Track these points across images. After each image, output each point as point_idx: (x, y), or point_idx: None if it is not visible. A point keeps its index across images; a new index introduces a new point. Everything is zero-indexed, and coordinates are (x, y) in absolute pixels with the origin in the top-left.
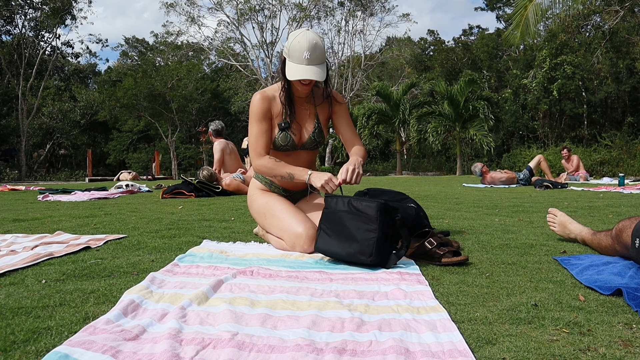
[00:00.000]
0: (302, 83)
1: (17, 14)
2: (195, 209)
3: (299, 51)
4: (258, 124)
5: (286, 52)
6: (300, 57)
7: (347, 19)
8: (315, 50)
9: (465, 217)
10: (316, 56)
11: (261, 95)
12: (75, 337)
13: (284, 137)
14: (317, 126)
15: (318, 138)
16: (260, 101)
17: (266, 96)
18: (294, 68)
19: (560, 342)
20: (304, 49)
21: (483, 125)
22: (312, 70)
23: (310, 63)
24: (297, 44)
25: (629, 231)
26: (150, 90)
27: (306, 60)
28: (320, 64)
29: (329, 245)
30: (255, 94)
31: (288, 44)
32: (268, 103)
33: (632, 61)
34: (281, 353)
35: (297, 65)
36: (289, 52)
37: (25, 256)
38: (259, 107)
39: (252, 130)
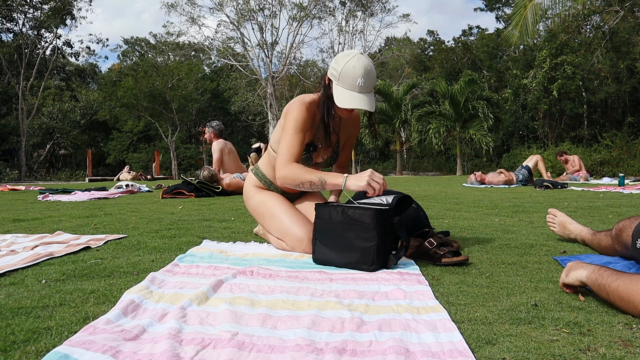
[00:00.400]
0: (347, 110)
1: (17, 13)
2: (195, 209)
3: (352, 77)
4: (298, 133)
5: (334, 75)
6: (353, 84)
7: (348, 19)
8: (369, 78)
9: (465, 217)
10: (369, 84)
11: (311, 106)
12: (75, 337)
13: (306, 159)
14: (336, 151)
15: (332, 162)
16: (307, 112)
17: (314, 111)
18: (346, 95)
19: (560, 342)
20: (358, 75)
21: (483, 125)
22: (364, 99)
23: (362, 91)
24: (352, 69)
25: (629, 231)
26: (150, 90)
27: (359, 87)
28: (371, 92)
29: (327, 255)
30: (300, 100)
31: (339, 66)
32: (312, 117)
33: (633, 61)
34: (281, 353)
35: (349, 92)
36: (340, 75)
37: (25, 256)
38: (304, 117)
39: (289, 137)
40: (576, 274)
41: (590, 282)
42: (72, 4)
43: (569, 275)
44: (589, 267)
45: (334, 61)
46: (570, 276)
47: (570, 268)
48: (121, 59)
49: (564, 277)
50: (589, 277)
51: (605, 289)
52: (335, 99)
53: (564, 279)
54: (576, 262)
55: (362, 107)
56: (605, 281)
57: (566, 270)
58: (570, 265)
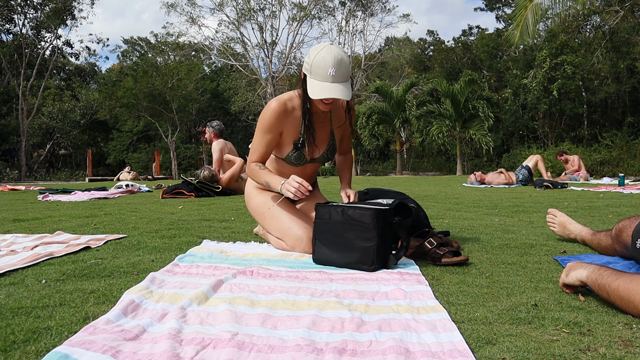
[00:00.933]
0: (324, 102)
1: (17, 14)
2: (195, 209)
3: (323, 68)
4: (263, 134)
5: (307, 69)
6: (325, 74)
7: (348, 19)
8: (340, 67)
9: (465, 217)
10: (341, 73)
11: (279, 106)
12: (75, 337)
13: (298, 156)
14: (332, 144)
15: (330, 155)
16: (275, 114)
17: (284, 110)
18: (318, 86)
19: (560, 342)
20: (328, 65)
21: (483, 125)
22: (337, 88)
23: (335, 80)
24: (321, 60)
25: (629, 231)
26: (150, 90)
27: (331, 77)
28: (346, 81)
29: (327, 256)
30: (272, 102)
31: (310, 59)
32: (284, 116)
33: (633, 61)
34: (281, 353)
35: (320, 83)
36: (311, 68)
37: (25, 256)
38: (271, 119)
39: (256, 138)
40: (576, 274)
41: (590, 281)
42: (73, 4)
43: (569, 275)
44: (589, 267)
45: (307, 55)
46: (571, 276)
47: (570, 268)
48: (121, 59)
49: (564, 277)
50: (589, 277)
51: (605, 289)
52: (308, 91)
53: (564, 279)
54: (576, 262)
55: (333, 96)
56: (605, 281)
57: (566, 270)
58: (570, 266)
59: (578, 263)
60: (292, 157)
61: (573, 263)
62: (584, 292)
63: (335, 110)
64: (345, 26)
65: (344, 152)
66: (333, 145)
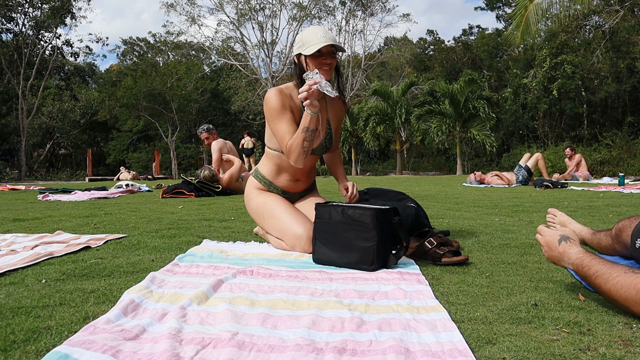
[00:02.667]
0: (322, 69)
1: (17, 13)
2: (195, 208)
3: (314, 35)
4: (280, 116)
5: (299, 47)
6: (317, 37)
7: (348, 19)
8: (327, 32)
9: (465, 216)
10: (330, 36)
11: (276, 90)
12: (75, 337)
13: None
14: (329, 132)
15: (328, 144)
16: (278, 95)
17: (282, 92)
18: (314, 47)
19: (560, 342)
20: (318, 31)
21: (485, 125)
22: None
23: (327, 40)
24: (311, 30)
25: (629, 231)
26: (149, 90)
27: (323, 38)
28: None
29: (327, 255)
30: (269, 91)
31: (300, 38)
32: (285, 98)
33: (633, 61)
34: (281, 353)
35: (315, 44)
36: (303, 41)
37: (25, 256)
38: (278, 100)
39: (277, 125)
40: (564, 264)
41: (575, 269)
42: (72, 3)
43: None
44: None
45: (295, 42)
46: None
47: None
48: (120, 59)
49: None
50: (575, 264)
51: (597, 288)
52: (306, 53)
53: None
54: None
55: (329, 42)
56: (595, 282)
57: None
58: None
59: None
60: None
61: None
62: (584, 292)
63: (331, 100)
64: (345, 26)
65: (334, 149)
66: (330, 134)
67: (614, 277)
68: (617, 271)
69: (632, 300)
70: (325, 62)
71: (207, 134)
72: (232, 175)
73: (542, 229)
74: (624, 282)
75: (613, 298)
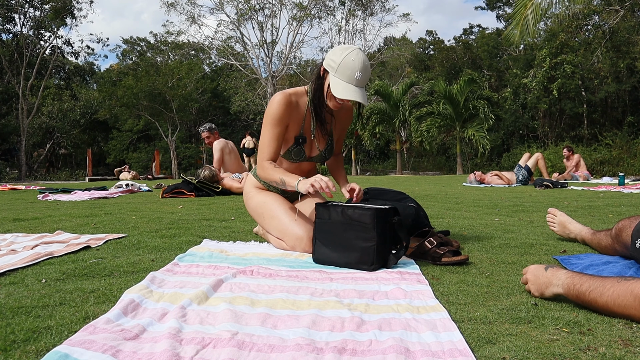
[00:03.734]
0: (338, 102)
1: (17, 13)
2: (195, 208)
3: (351, 69)
4: (272, 128)
5: (332, 67)
6: (351, 77)
7: (348, 19)
8: (365, 73)
9: (465, 216)
10: (364, 79)
11: (284, 98)
12: (75, 337)
13: (298, 152)
14: (330, 143)
15: (328, 155)
16: (282, 105)
17: (289, 101)
18: (342, 86)
19: (560, 342)
20: (357, 69)
21: (482, 126)
22: (360, 92)
23: (359, 85)
24: (351, 63)
25: (629, 231)
26: (150, 90)
27: (356, 80)
28: (364, 87)
29: (327, 255)
30: (277, 95)
31: (338, 58)
32: (289, 109)
33: (633, 60)
34: (281, 352)
35: (345, 84)
36: (338, 67)
37: (25, 255)
38: (278, 111)
39: (265, 133)
40: (552, 290)
41: (568, 296)
42: (73, 4)
43: (546, 292)
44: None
45: (332, 53)
46: (548, 292)
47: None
48: (121, 59)
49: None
50: (567, 293)
51: (593, 303)
52: (332, 89)
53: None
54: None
55: (357, 100)
56: (588, 298)
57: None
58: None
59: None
60: (293, 153)
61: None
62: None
63: (338, 112)
64: (345, 25)
65: (337, 153)
66: (331, 145)
67: (608, 289)
68: (609, 282)
69: (631, 307)
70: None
71: (208, 133)
72: (233, 187)
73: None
74: (620, 291)
75: (611, 310)
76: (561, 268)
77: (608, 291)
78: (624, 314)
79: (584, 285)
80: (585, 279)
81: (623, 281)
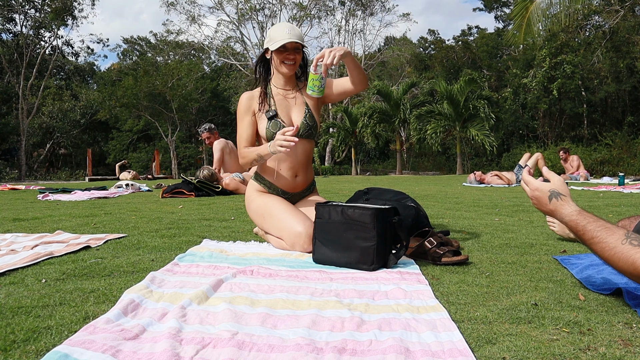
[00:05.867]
0: (286, 64)
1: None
2: (195, 208)
3: (279, 31)
4: (241, 120)
5: (267, 41)
6: (282, 33)
7: (347, 19)
8: (293, 28)
9: (465, 216)
10: (296, 32)
11: (245, 94)
12: (75, 337)
13: (274, 124)
14: (308, 111)
15: (310, 122)
16: (244, 100)
17: (249, 95)
18: (278, 42)
19: (560, 342)
20: (284, 27)
21: (484, 125)
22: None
23: (292, 37)
24: (277, 28)
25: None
26: (150, 90)
27: (288, 35)
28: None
29: (327, 255)
30: (242, 95)
31: (267, 35)
32: (250, 100)
33: (633, 60)
34: (281, 352)
35: (280, 40)
36: (270, 38)
37: (25, 255)
38: (241, 105)
39: (238, 127)
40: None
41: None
42: (73, 4)
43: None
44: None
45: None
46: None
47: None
48: (121, 59)
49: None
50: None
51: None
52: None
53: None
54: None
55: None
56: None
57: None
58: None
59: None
60: (270, 127)
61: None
62: (584, 292)
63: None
64: (345, 25)
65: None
66: (309, 113)
67: (611, 248)
68: (614, 240)
69: (628, 272)
70: (288, 57)
71: (208, 133)
72: (238, 186)
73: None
74: (621, 255)
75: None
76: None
77: (611, 250)
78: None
79: (587, 234)
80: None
81: (627, 244)
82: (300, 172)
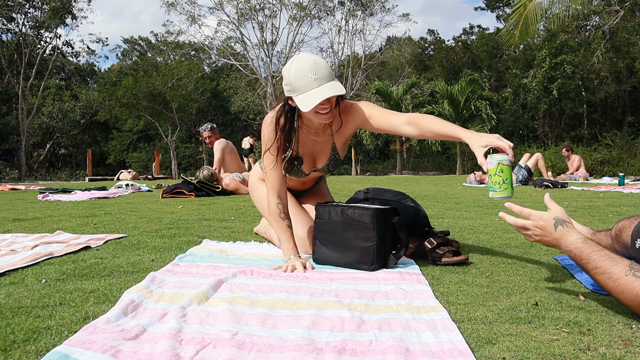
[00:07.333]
0: (320, 113)
1: (17, 13)
2: (195, 208)
3: (303, 77)
4: (268, 155)
5: (289, 90)
6: (308, 82)
7: (347, 19)
8: (319, 68)
9: (465, 216)
10: (323, 73)
11: (270, 118)
12: (75, 337)
13: (296, 172)
14: (333, 157)
15: (332, 168)
16: (272, 125)
17: (277, 119)
18: (307, 97)
19: (560, 342)
20: (307, 70)
21: (484, 126)
22: (326, 88)
23: (321, 82)
24: (299, 71)
25: (629, 231)
26: (150, 90)
27: (315, 81)
28: (332, 80)
29: (327, 256)
30: (266, 118)
31: (287, 79)
32: (277, 127)
33: (632, 61)
34: (281, 352)
35: (308, 93)
36: (292, 84)
37: (25, 256)
38: (269, 134)
39: (265, 159)
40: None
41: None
42: (72, 4)
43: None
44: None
45: (283, 79)
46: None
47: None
48: (121, 59)
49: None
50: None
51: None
52: (301, 108)
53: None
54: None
55: (326, 96)
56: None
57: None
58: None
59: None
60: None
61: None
62: (584, 292)
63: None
64: (345, 26)
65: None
66: (334, 159)
67: (615, 280)
68: (618, 271)
69: (633, 304)
70: (322, 107)
71: (210, 132)
72: (238, 186)
73: (529, 213)
74: (625, 287)
75: (614, 297)
76: (571, 229)
77: (614, 282)
78: (624, 303)
79: (590, 263)
80: (593, 256)
81: (631, 275)
82: (309, 182)
